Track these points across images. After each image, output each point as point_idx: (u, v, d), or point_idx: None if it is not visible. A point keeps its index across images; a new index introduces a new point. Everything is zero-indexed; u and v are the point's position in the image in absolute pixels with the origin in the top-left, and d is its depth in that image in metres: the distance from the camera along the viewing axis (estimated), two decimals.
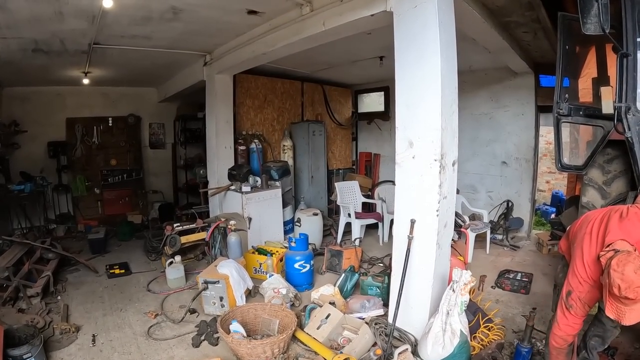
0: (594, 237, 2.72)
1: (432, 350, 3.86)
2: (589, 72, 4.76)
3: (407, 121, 4.12)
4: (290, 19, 5.62)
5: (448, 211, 4.16)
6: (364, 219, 8.11)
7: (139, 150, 11.86)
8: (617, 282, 2.30)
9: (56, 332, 4.68)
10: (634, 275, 2.26)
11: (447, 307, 3.83)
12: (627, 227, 2.60)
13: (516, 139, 8.56)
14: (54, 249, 7.00)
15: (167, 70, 9.36)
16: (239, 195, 7.23)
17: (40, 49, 6.76)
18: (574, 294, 2.82)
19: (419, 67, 3.95)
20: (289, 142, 9.38)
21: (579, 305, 2.80)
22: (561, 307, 2.91)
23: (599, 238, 2.66)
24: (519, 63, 7.35)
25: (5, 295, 5.48)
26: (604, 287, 2.44)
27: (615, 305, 2.39)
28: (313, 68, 9.10)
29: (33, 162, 9.99)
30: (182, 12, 5.43)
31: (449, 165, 4.01)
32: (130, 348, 4.54)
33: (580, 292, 2.78)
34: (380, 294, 5.31)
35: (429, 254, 4.06)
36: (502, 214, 8.48)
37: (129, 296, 6.04)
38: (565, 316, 2.87)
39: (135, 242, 9.08)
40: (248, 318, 4.72)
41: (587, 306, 2.79)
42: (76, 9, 5.13)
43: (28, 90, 9.90)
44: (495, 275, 6.27)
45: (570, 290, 2.84)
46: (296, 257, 6.03)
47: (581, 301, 2.78)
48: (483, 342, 4.25)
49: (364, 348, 4.13)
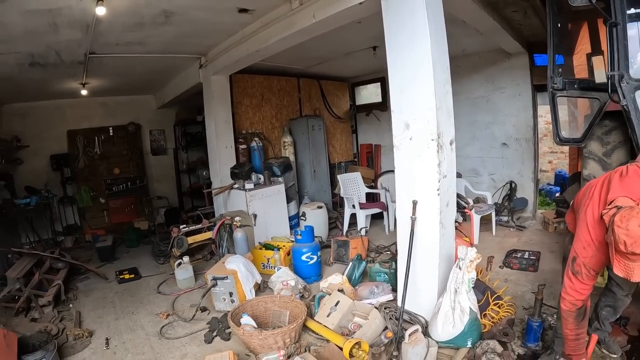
0: (595, 199, 2.73)
1: (442, 329, 3.91)
2: (583, 48, 4.80)
3: (402, 104, 4.16)
4: (280, 14, 5.66)
5: (449, 190, 4.19)
6: (369, 209, 8.15)
7: (141, 158, 11.96)
8: (623, 238, 2.28)
9: (69, 338, 4.76)
10: (638, 229, 2.24)
11: (455, 285, 3.87)
12: (628, 184, 2.61)
13: (514, 120, 8.59)
14: (63, 258, 7.09)
15: (163, 75, 9.43)
16: (243, 193, 7.28)
17: (37, 63, 6.82)
18: (578, 260, 2.83)
19: (410, 50, 3.99)
20: (289, 138, 9.43)
21: (583, 270, 2.81)
22: (567, 273, 2.93)
23: (601, 199, 2.67)
24: (512, 43, 7.38)
25: (17, 306, 5.57)
26: (610, 245, 2.44)
27: (622, 262, 2.39)
28: (308, 63, 9.14)
29: (37, 176, 10.10)
30: (173, 15, 5.48)
31: (446, 145, 4.05)
32: (143, 348, 4.60)
33: (585, 257, 2.80)
34: (388, 279, 5.35)
35: (433, 234, 4.10)
36: (506, 195, 8.55)
37: (140, 299, 6.11)
38: (572, 282, 2.89)
39: (143, 248, 9.18)
40: (258, 311, 4.76)
41: (592, 271, 2.80)
42: (70, 20, 5.19)
43: (27, 106, 9.99)
44: (502, 256, 6.30)
45: (575, 256, 2.86)
46: (303, 249, 6.08)
47: (586, 267, 2.80)
48: (494, 319, 4.27)
49: (375, 332, 4.17)
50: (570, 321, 2.96)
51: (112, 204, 11.32)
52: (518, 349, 3.85)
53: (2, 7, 4.55)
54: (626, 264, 2.37)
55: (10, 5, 4.55)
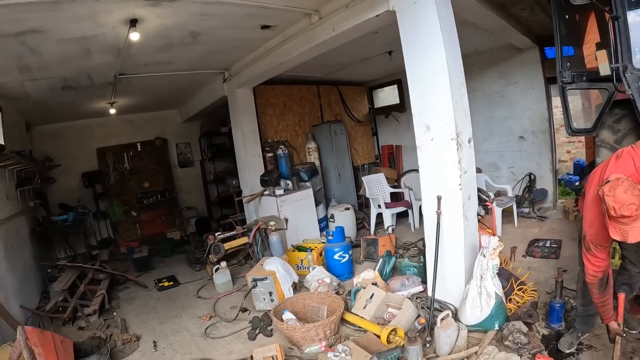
0: (595, 181, 2.97)
1: (471, 313, 4.17)
2: (592, 38, 4.85)
3: (422, 108, 4.45)
4: (301, 28, 5.94)
5: (470, 185, 4.46)
6: (394, 207, 8.37)
7: (169, 171, 12.30)
8: (611, 204, 2.53)
9: (118, 343, 5.05)
10: (624, 194, 2.49)
11: (480, 271, 4.13)
12: (621, 165, 2.85)
13: (530, 113, 8.73)
14: (105, 269, 7.43)
15: (188, 91, 9.72)
16: (273, 199, 7.55)
17: (68, 86, 7.15)
18: (587, 237, 3.08)
19: (426, 58, 4.28)
20: (313, 144, 9.68)
21: (592, 246, 3.05)
22: (582, 250, 3.18)
23: (600, 180, 2.90)
24: (522, 39, 7.54)
25: (65, 316, 5.93)
26: (604, 214, 2.67)
27: (617, 227, 2.60)
28: (326, 71, 9.35)
29: (69, 193, 10.52)
30: (200, 35, 5.76)
31: (465, 143, 4.32)
32: (190, 348, 4.90)
33: (591, 235, 3.04)
34: (417, 272, 5.58)
35: (457, 226, 4.37)
36: (526, 187, 8.73)
37: (181, 304, 6.42)
38: (587, 257, 3.13)
39: (177, 257, 9.53)
40: (297, 308, 5.05)
41: (600, 246, 3.03)
42: (103, 45, 5.48)
43: (57, 127, 10.39)
44: (525, 246, 6.49)
45: (584, 234, 3.12)
46: (335, 248, 6.36)
47: (593, 243, 3.04)
48: (518, 303, 4.50)
49: (409, 321, 4.43)
50: (594, 291, 3.17)
51: (144, 216, 11.64)
52: (542, 330, 4.10)
53: (39, 37, 4.83)
54: (620, 228, 2.59)
55: (48, 35, 4.83)
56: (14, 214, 6.88)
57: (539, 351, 3.70)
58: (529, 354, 3.71)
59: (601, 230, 2.96)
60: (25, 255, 7.06)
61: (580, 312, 3.73)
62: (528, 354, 3.70)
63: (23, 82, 6.51)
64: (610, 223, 2.64)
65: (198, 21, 5.26)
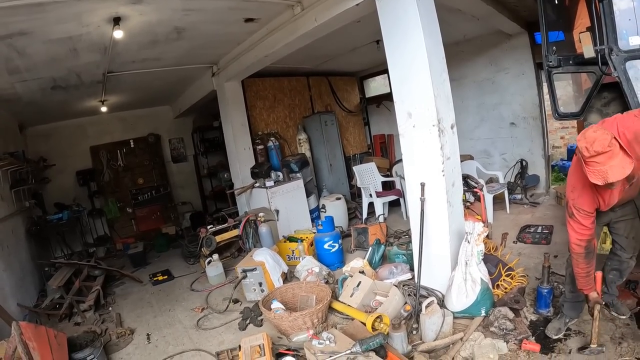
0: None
1: (456, 300, 4.20)
2: (582, 22, 4.76)
3: (404, 95, 4.47)
4: (284, 20, 5.94)
5: (454, 171, 4.48)
6: (385, 196, 8.42)
7: (163, 166, 12.31)
8: (583, 145, 2.59)
9: (112, 337, 5.12)
10: (593, 134, 2.56)
11: (465, 257, 4.16)
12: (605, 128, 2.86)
13: (520, 99, 8.72)
14: (100, 265, 7.48)
15: (178, 86, 9.73)
16: (264, 191, 7.58)
17: (58, 86, 7.17)
18: (569, 203, 3.15)
19: (406, 45, 4.30)
20: (304, 135, 9.72)
21: (574, 211, 3.12)
22: (566, 218, 3.25)
23: None
24: (510, 25, 7.52)
25: (60, 312, 6.01)
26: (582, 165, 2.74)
27: (595, 170, 2.63)
28: (315, 62, 9.38)
29: (65, 192, 10.51)
30: (185, 30, 5.78)
31: (447, 129, 4.34)
32: (183, 340, 4.96)
33: (573, 199, 3.12)
34: (406, 260, 5.58)
35: (442, 212, 4.39)
36: (518, 174, 8.73)
37: (175, 297, 6.49)
38: (571, 224, 3.20)
39: (173, 252, 9.57)
40: (287, 297, 5.08)
41: (582, 211, 3.09)
42: (89, 44, 5.50)
43: (50, 127, 10.39)
44: (516, 232, 6.52)
45: (567, 200, 3.19)
46: (325, 238, 6.39)
47: (575, 208, 3.10)
48: (506, 289, 4.51)
49: (396, 308, 4.45)
50: (580, 261, 3.22)
51: (139, 212, 11.65)
52: (530, 316, 4.11)
53: (26, 39, 4.87)
54: (598, 170, 2.62)
55: (34, 37, 4.87)
56: (9, 215, 6.93)
57: (526, 337, 3.72)
58: (515, 340, 3.73)
59: (583, 194, 3.05)
60: (21, 255, 7.10)
61: (569, 298, 3.74)
62: (514, 340, 3.72)
63: (13, 84, 6.53)
64: (587, 169, 2.68)
65: (181, 17, 5.27)
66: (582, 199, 3.08)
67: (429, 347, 3.78)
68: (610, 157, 2.56)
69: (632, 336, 3.53)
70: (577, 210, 3.12)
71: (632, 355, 3.27)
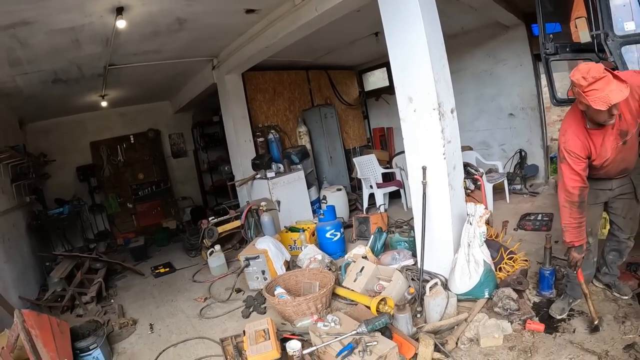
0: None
1: (460, 282, 4.25)
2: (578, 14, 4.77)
3: (404, 80, 4.53)
4: (285, 10, 5.99)
5: (454, 154, 4.52)
6: (386, 187, 8.49)
7: (163, 162, 12.35)
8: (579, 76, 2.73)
9: (115, 327, 5.12)
10: (585, 65, 2.70)
11: (467, 239, 4.22)
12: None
13: (519, 90, 8.77)
14: (101, 258, 7.53)
15: (178, 80, 9.75)
16: (265, 182, 7.62)
17: (59, 79, 7.18)
18: (560, 147, 3.22)
19: (406, 31, 4.34)
20: (304, 127, 9.79)
21: (566, 155, 3.17)
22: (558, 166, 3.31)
23: None
24: (507, 16, 7.55)
25: (63, 304, 6.04)
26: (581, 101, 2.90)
27: (595, 97, 2.72)
28: (315, 55, 9.43)
29: (65, 188, 10.53)
30: (186, 21, 5.80)
31: (447, 113, 4.38)
32: (186, 329, 5.01)
33: (564, 142, 3.17)
34: (408, 247, 5.61)
35: (444, 196, 4.43)
36: (517, 164, 8.78)
37: (177, 288, 6.52)
38: (563, 170, 3.23)
39: (174, 245, 9.61)
40: (290, 284, 5.13)
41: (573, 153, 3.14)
42: (91, 35, 5.53)
43: (50, 123, 10.42)
44: (517, 220, 6.58)
45: (559, 145, 3.25)
46: (326, 227, 6.45)
47: (566, 150, 3.15)
48: (509, 272, 4.53)
49: (399, 292, 4.49)
50: (574, 210, 3.23)
51: (139, 207, 11.72)
52: (533, 298, 4.16)
53: (29, 29, 4.89)
54: (599, 97, 2.72)
55: (37, 27, 4.89)
56: (10, 208, 6.96)
57: (530, 317, 3.76)
58: (519, 320, 3.77)
59: (573, 137, 3.13)
60: (22, 248, 7.12)
61: (572, 279, 3.77)
62: (519, 320, 3.77)
63: (14, 77, 6.55)
64: (588, 98, 2.77)
65: (183, 7, 5.30)
66: (573, 142, 3.15)
67: (434, 328, 3.82)
68: (607, 82, 2.69)
69: (635, 315, 3.57)
70: (568, 153, 3.16)
71: (636, 333, 3.31)
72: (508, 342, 3.55)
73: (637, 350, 3.09)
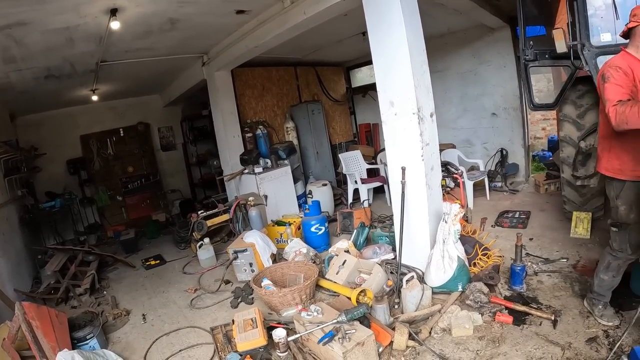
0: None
1: (435, 275, 4.49)
2: (562, 19, 5.02)
3: (386, 84, 4.75)
4: (274, 12, 6.15)
5: (432, 156, 4.75)
6: (370, 183, 8.70)
7: (152, 155, 12.46)
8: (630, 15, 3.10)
9: (109, 318, 5.28)
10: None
11: (443, 236, 4.44)
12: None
13: (502, 90, 8.97)
14: (94, 251, 7.67)
15: (168, 75, 9.87)
16: (253, 177, 7.81)
17: (52, 75, 7.28)
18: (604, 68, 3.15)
19: (389, 38, 4.54)
20: (291, 123, 9.97)
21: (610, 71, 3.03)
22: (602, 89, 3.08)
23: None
24: (492, 19, 7.77)
25: (57, 296, 6.19)
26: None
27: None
28: (303, 52, 9.58)
29: (55, 181, 10.61)
30: (178, 21, 5.94)
31: (427, 117, 4.61)
32: (177, 318, 5.20)
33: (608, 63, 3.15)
34: (389, 242, 5.84)
35: (421, 194, 4.67)
36: (498, 162, 9.02)
37: (168, 280, 6.70)
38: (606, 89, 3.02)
39: (163, 238, 9.77)
40: (276, 276, 5.34)
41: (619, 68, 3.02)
42: (85, 34, 5.64)
43: (41, 116, 10.46)
44: (495, 217, 6.79)
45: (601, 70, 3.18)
46: (311, 221, 6.66)
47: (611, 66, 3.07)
48: (482, 267, 4.81)
49: (379, 284, 4.74)
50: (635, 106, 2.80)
51: (129, 200, 11.83)
52: (505, 292, 4.40)
53: (25, 29, 5.01)
54: None
55: (33, 27, 5.01)
56: (3, 203, 7.08)
57: (499, 310, 3.99)
58: (489, 312, 4.01)
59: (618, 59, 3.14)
60: (16, 242, 7.24)
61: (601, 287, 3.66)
62: (489, 313, 4.01)
63: (8, 73, 6.63)
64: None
65: (176, 8, 5.43)
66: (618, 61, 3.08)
67: (409, 318, 4.07)
68: None
69: None
70: (614, 69, 3.01)
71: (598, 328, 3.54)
72: (478, 332, 3.79)
73: (599, 343, 3.29)
